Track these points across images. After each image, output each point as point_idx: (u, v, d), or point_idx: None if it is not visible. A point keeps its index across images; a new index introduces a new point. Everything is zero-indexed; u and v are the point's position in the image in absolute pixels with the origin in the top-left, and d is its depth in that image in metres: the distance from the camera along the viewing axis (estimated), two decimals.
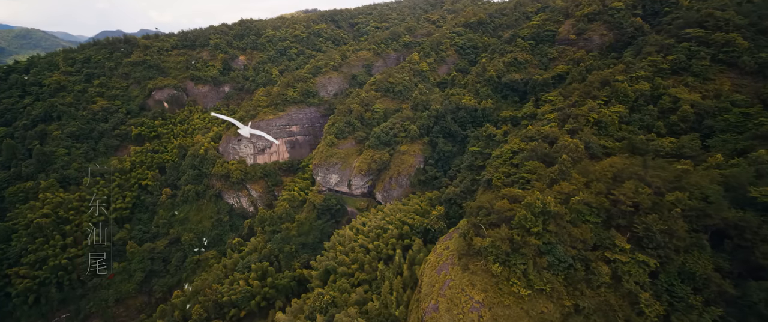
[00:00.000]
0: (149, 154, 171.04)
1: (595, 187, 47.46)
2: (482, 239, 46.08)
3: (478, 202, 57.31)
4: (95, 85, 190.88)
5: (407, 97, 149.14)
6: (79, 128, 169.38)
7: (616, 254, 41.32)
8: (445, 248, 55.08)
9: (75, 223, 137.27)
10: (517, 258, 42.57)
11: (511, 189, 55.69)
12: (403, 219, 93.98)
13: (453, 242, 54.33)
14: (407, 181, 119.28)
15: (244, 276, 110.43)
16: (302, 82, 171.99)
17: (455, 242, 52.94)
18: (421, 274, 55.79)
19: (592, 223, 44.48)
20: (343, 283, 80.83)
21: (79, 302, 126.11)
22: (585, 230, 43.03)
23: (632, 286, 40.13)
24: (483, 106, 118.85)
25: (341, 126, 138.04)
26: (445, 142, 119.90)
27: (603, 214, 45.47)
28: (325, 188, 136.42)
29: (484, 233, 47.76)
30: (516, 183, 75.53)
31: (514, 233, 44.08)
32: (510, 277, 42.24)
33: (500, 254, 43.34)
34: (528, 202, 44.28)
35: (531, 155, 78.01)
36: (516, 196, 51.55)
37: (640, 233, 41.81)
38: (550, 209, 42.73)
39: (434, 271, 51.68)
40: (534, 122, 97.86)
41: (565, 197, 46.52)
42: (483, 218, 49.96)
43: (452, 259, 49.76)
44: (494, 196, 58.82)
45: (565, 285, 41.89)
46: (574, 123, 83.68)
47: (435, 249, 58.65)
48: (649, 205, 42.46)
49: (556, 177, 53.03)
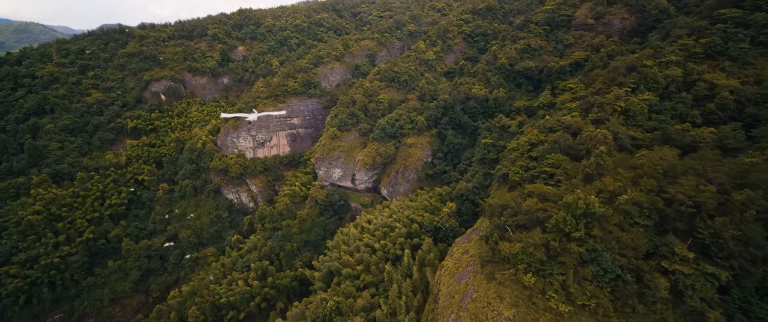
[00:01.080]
0: (146, 149, 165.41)
1: (644, 184, 40.84)
2: (510, 244, 39.83)
3: (499, 199, 50.91)
4: (90, 77, 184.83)
5: (413, 87, 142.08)
6: (72, 122, 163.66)
7: (676, 265, 34.93)
8: (464, 252, 48.85)
9: (68, 220, 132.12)
10: (554, 267, 36.30)
11: (538, 186, 49.23)
12: (412, 216, 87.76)
13: (473, 245, 48.11)
14: (414, 175, 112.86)
15: (243, 276, 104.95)
16: (303, 73, 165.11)
17: (476, 245, 46.70)
18: (438, 282, 49.72)
19: (643, 226, 38.07)
20: (347, 286, 74.91)
21: (73, 302, 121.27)
22: (637, 235, 36.63)
23: (697, 303, 33.78)
24: (495, 95, 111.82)
25: (344, 118, 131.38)
26: (454, 135, 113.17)
27: (655, 215, 39.03)
28: (328, 182, 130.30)
29: (512, 237, 41.45)
30: (537, 178, 69.07)
31: (549, 237, 37.77)
32: (546, 289, 36.01)
33: (533, 262, 37.10)
34: (566, 202, 37.86)
35: (553, 148, 71.36)
36: (545, 193, 45.08)
37: (706, 239, 35.39)
38: (595, 210, 36.31)
39: (453, 279, 45.55)
40: (552, 112, 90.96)
41: (610, 195, 40.01)
42: (509, 219, 43.62)
43: (474, 266, 43.57)
44: (518, 193, 52.35)
45: (613, 300, 35.64)
46: (599, 112, 76.82)
47: (451, 253, 52.42)
48: (713, 205, 35.96)
49: (592, 172, 46.40)
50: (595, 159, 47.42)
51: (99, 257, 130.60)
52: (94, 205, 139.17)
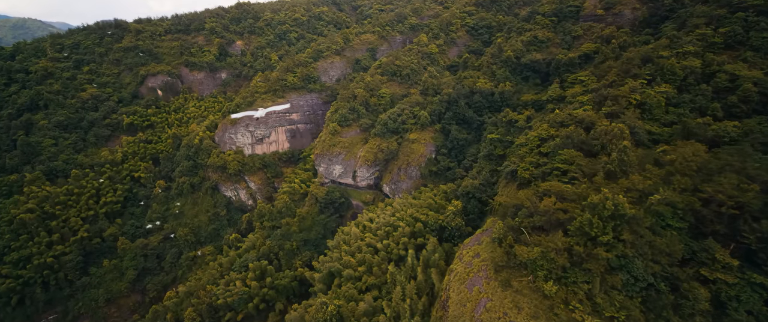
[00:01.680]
0: (142, 145, 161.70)
1: (678, 182, 37.16)
2: (527, 248, 36.31)
3: (511, 198, 47.33)
4: (84, 72, 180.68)
5: (416, 82, 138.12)
6: (67, 118, 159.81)
7: (717, 273, 31.40)
8: (475, 255, 45.35)
9: (62, 218, 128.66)
10: (579, 275, 32.80)
11: (553, 184, 45.61)
12: (416, 215, 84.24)
13: (485, 248, 44.61)
14: (417, 172, 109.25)
15: (241, 276, 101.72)
16: (303, 67, 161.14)
17: (488, 248, 43.19)
18: (446, 287, 46.33)
19: (676, 229, 34.49)
20: (349, 288, 71.55)
21: (67, 303, 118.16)
22: (671, 240, 33.05)
23: (742, 316, 30.29)
24: (501, 89, 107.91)
25: (345, 113, 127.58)
26: (458, 130, 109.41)
27: (689, 217, 35.43)
28: (328, 179, 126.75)
29: (528, 240, 37.90)
30: (549, 175, 65.47)
31: (572, 241, 34.20)
32: (569, 299, 32.54)
33: (554, 268, 33.61)
34: (592, 202, 34.24)
35: (565, 143, 67.63)
36: (563, 192, 41.47)
37: (752, 244, 31.84)
38: (625, 211, 32.71)
39: (464, 285, 42.12)
40: (562, 106, 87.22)
41: (638, 195, 36.39)
42: (524, 220, 40.04)
43: (486, 271, 40.10)
44: (533, 192, 48.72)
45: (644, 312, 32.16)
46: (613, 105, 73.17)
47: (460, 256, 48.93)
48: (758, 206, 32.37)
49: (615, 169, 42.72)
50: (618, 155, 43.75)
51: (94, 256, 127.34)
52: (88, 203, 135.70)
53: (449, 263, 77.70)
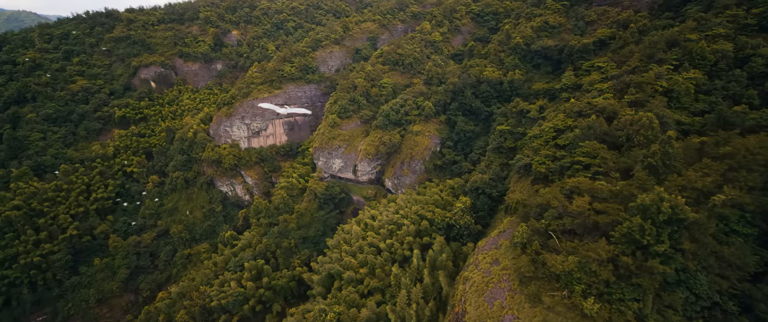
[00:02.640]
0: (135, 139, 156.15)
1: (744, 179, 31.54)
2: (560, 257, 30.84)
3: (529, 195, 41.79)
4: (74, 64, 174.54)
5: (419, 71, 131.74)
6: (56, 111, 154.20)
7: None
8: (493, 262, 39.90)
9: (50, 215, 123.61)
10: (626, 291, 27.39)
11: (581, 180, 39.96)
12: (421, 212, 78.73)
13: (505, 254, 39.16)
14: (421, 166, 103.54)
15: (236, 276, 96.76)
16: (300, 57, 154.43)
17: (508, 254, 37.74)
18: (462, 299, 40.95)
19: (742, 235, 29.02)
20: (350, 292, 66.33)
21: (56, 304, 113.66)
22: (741, 250, 27.57)
23: None
24: (510, 78, 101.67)
25: (345, 104, 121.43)
26: (465, 121, 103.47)
27: (759, 221, 29.87)
28: (328, 174, 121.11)
29: (559, 246, 32.37)
30: (567, 169, 59.81)
31: (618, 250, 28.71)
32: (614, 320, 27.12)
33: (596, 282, 28.20)
34: (643, 203, 28.66)
35: (586, 134, 61.74)
36: (596, 190, 35.78)
37: None
38: (685, 215, 27.16)
39: (482, 298, 36.76)
40: (578, 95, 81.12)
41: (696, 194, 30.77)
42: (552, 222, 34.50)
43: (509, 282, 34.74)
44: (558, 189, 43.07)
45: None
46: (637, 93, 67.17)
47: (476, 262, 43.50)
48: None
49: (656, 163, 37.01)
50: (661, 147, 38.03)
51: (84, 254, 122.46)
52: (78, 199, 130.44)
53: (457, 264, 72.38)
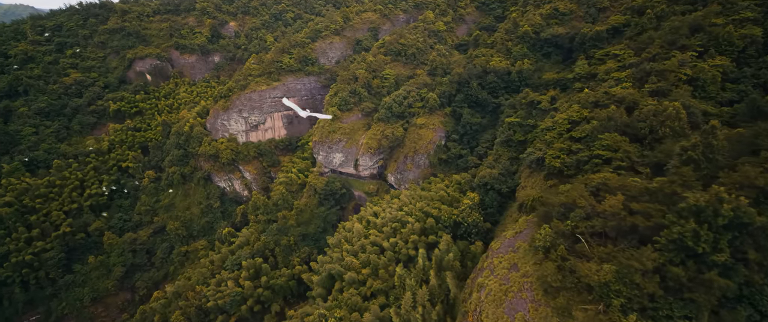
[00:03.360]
0: (130, 133, 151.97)
1: None
2: (594, 266, 26.83)
3: (556, 195, 37.71)
4: (68, 56, 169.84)
5: (422, 62, 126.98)
6: (49, 104, 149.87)
7: None
8: (511, 267, 35.90)
9: (43, 212, 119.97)
10: (676, 307, 23.41)
11: (613, 176, 35.77)
12: (426, 209, 74.73)
13: (524, 258, 35.14)
14: (425, 160, 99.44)
15: (233, 275, 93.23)
16: (299, 48, 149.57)
17: (529, 259, 33.73)
18: (477, 309, 37.00)
19: None
20: (351, 294, 62.63)
21: (50, 303, 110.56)
22: None
23: None
24: (518, 68, 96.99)
25: (345, 96, 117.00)
26: (471, 113, 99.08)
27: None
28: (328, 169, 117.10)
29: (588, 252, 28.33)
30: (585, 163, 55.69)
31: (663, 258, 24.70)
32: None
33: (638, 296, 24.22)
34: (697, 204, 24.56)
35: (605, 126, 57.50)
36: (628, 188, 31.58)
37: None
38: (751, 219, 23.07)
39: (501, 309, 32.84)
40: (593, 84, 76.71)
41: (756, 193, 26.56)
42: (580, 224, 30.45)
43: (532, 292, 30.79)
44: (583, 186, 38.94)
45: None
46: (659, 82, 62.76)
47: (491, 266, 39.50)
48: None
49: (698, 157, 32.79)
50: (703, 138, 33.77)
51: (78, 252, 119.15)
52: (72, 195, 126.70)
53: (465, 264, 68.53)
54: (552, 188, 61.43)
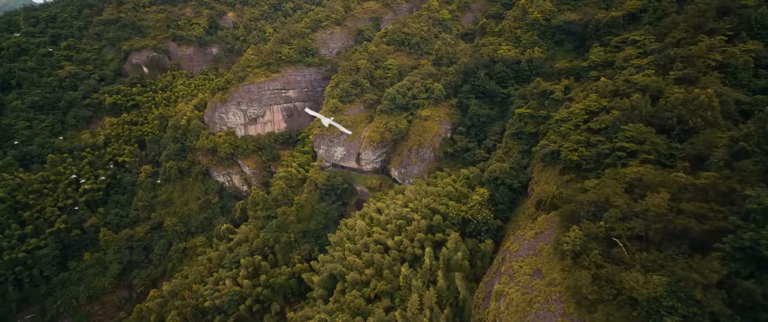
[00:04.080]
0: (127, 127, 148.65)
1: None
2: (642, 278, 22.85)
3: (584, 191, 33.61)
4: (62, 48, 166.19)
5: (427, 52, 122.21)
6: (42, 98, 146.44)
7: None
8: (535, 273, 31.90)
9: (37, 208, 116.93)
10: None
11: (649, 170, 31.51)
12: (433, 205, 70.71)
13: (549, 264, 31.14)
14: (431, 154, 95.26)
15: (231, 274, 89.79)
16: (299, 38, 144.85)
17: (555, 265, 29.74)
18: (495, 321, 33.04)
19: None
20: (354, 297, 58.95)
21: (44, 301, 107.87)
22: None
23: None
24: (528, 56, 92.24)
25: (347, 87, 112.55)
26: (478, 104, 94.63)
27: None
28: (329, 163, 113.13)
29: (629, 259, 24.34)
30: (607, 156, 51.50)
31: (730, 270, 20.72)
32: None
33: (698, 315, 20.28)
34: None
35: (628, 116, 53.11)
36: (669, 183, 27.47)
37: None
38: None
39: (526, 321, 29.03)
40: (609, 72, 72.13)
41: None
42: (617, 225, 26.42)
43: (562, 304, 26.81)
44: (616, 181, 34.82)
45: None
46: (686, 68, 58.11)
47: (512, 272, 35.45)
48: None
49: (751, 149, 28.60)
50: (758, 126, 29.45)
51: (73, 249, 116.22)
52: (67, 191, 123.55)
53: (474, 263, 64.73)
54: (569, 183, 57.35)
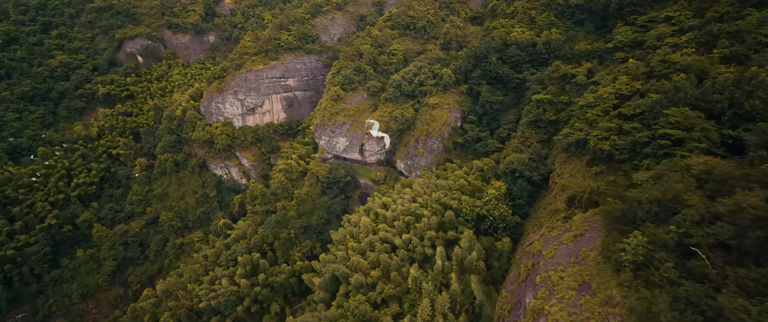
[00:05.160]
0: (121, 118, 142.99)
1: None
2: (744, 303, 17.05)
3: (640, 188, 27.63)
4: (53, 37, 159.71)
5: (433, 36, 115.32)
6: (33, 88, 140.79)
7: None
8: (581, 287, 26.05)
9: (26, 203, 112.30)
10: None
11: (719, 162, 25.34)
12: (444, 200, 64.82)
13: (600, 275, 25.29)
14: (439, 144, 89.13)
15: (228, 273, 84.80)
16: (299, 24, 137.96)
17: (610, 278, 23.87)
18: None
19: None
20: (359, 302, 53.50)
21: (36, 300, 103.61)
22: None
23: None
24: (545, 38, 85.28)
25: (349, 74, 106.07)
26: (490, 91, 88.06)
27: None
28: (331, 154, 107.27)
29: (713, 275, 18.49)
30: (646, 145, 45.42)
31: None
32: None
33: None
34: None
35: (671, 99, 46.63)
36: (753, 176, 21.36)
37: None
38: None
39: None
40: (639, 53, 65.38)
41: None
42: (694, 230, 20.53)
43: None
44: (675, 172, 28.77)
45: None
46: (732, 45, 51.42)
47: (551, 285, 29.28)
48: None
49: None
50: None
51: (65, 246, 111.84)
52: (58, 185, 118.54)
53: (490, 264, 59.02)
54: (599, 176, 51.23)
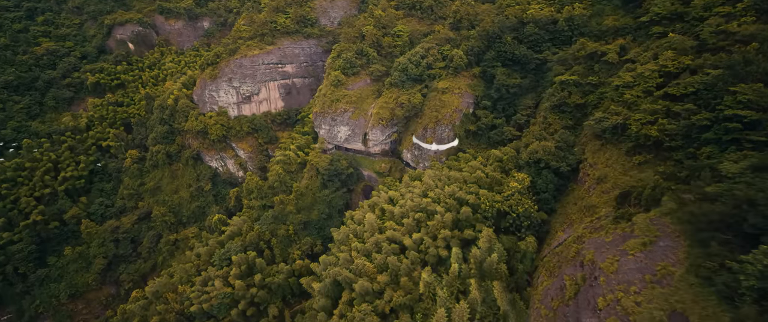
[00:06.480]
0: (111, 108, 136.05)
1: None
2: None
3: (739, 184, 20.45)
4: (39, 23, 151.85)
5: (441, 16, 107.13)
6: (18, 77, 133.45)
7: None
8: (670, 318, 19.17)
9: (10, 199, 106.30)
10: None
11: None
12: (459, 194, 57.60)
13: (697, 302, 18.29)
14: (450, 132, 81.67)
15: (221, 273, 78.43)
16: (297, 6, 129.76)
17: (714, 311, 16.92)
18: None
19: None
20: (365, 312, 46.82)
21: (21, 301, 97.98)
22: None
23: None
24: (567, 14, 76.98)
25: (350, 57, 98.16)
26: (506, 73, 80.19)
27: None
28: (332, 145, 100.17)
29: None
30: (706, 130, 37.97)
31: None
32: None
33: None
34: None
35: (738, 74, 39.08)
36: None
37: None
38: None
39: None
40: (680, 26, 57.25)
41: None
42: None
43: None
44: None
45: None
46: None
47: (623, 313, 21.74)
48: None
49: None
50: None
51: (52, 243, 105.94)
52: (44, 179, 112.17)
53: (513, 267, 52.15)
54: (643, 166, 43.93)
